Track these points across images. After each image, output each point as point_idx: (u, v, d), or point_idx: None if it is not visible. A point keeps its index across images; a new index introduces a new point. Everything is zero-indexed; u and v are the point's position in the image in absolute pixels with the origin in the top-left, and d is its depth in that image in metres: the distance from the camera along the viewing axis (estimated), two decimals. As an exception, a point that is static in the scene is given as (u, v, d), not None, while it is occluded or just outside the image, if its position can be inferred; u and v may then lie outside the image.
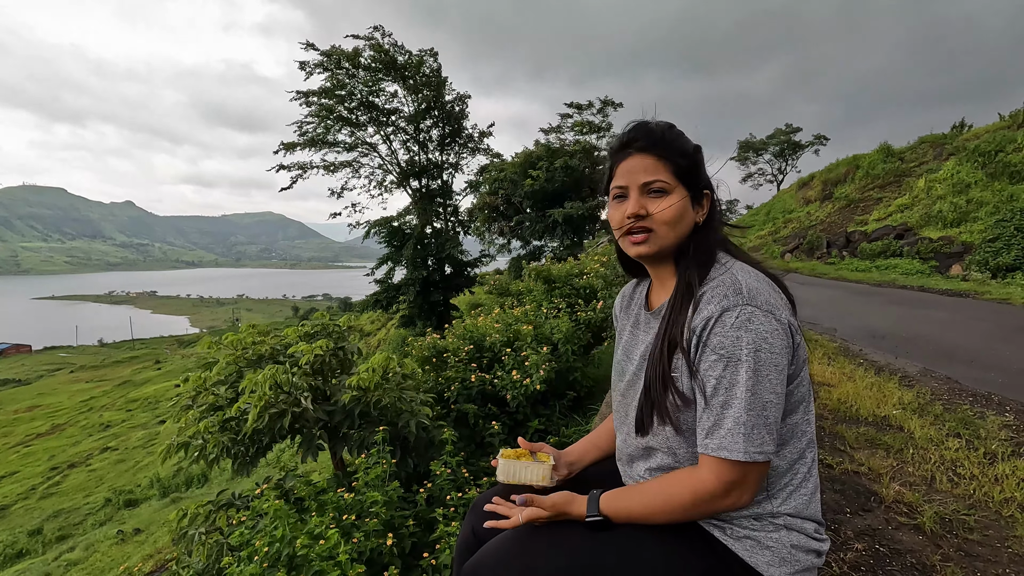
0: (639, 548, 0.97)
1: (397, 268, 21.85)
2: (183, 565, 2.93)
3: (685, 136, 1.04)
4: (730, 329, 0.88)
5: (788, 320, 0.91)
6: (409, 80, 20.99)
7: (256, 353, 3.30)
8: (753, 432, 0.86)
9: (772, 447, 0.88)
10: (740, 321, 0.87)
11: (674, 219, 0.99)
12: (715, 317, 0.89)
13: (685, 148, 1.02)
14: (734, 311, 0.88)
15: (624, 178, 1.01)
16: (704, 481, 0.91)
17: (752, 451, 0.86)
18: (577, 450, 1.30)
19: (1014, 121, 13.67)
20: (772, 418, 0.88)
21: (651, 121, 1.04)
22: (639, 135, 1.01)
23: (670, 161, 0.99)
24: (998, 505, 1.97)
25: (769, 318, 0.88)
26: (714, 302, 0.91)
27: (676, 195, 0.99)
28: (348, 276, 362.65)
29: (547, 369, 3.81)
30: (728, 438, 0.87)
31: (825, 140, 37.61)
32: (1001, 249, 9.35)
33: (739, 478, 0.89)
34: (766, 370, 0.86)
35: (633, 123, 1.05)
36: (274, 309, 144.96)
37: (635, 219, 1.00)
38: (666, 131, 1.02)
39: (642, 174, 0.99)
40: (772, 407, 0.87)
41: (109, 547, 11.57)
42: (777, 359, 0.87)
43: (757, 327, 0.87)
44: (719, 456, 0.88)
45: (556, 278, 6.07)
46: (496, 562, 1.02)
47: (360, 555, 2.22)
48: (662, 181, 0.98)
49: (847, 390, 3.31)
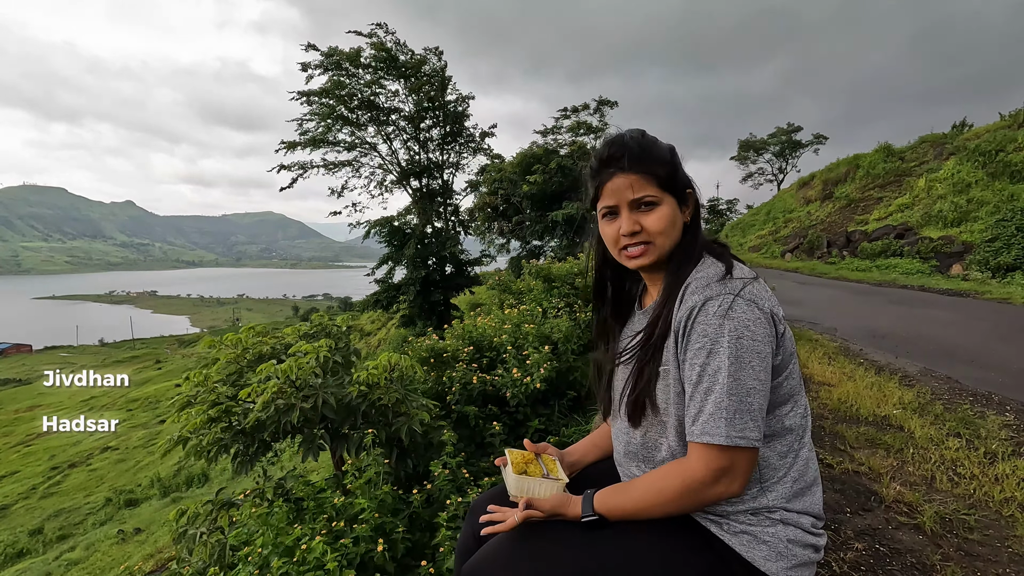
0: (637, 547, 0.98)
1: (397, 268, 21.83)
2: (184, 564, 2.93)
3: (658, 141, 1.05)
4: (712, 317, 0.90)
5: (771, 309, 0.93)
6: (411, 79, 20.96)
7: (256, 353, 3.30)
8: (735, 417, 0.88)
9: (756, 434, 0.89)
10: (722, 309, 0.89)
11: (668, 228, 1.01)
12: (699, 306, 0.92)
13: (662, 156, 1.03)
14: (716, 300, 0.90)
15: (612, 198, 1.03)
16: (692, 469, 0.92)
17: (734, 435, 0.88)
18: (578, 450, 1.31)
19: (1015, 120, 13.66)
20: (756, 405, 0.89)
21: (625, 134, 1.05)
22: (618, 152, 1.02)
23: (653, 174, 1.00)
24: (998, 505, 1.97)
25: (751, 307, 0.90)
26: (698, 292, 0.93)
27: (665, 205, 1.01)
28: (348, 276, 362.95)
29: (548, 368, 3.81)
30: (710, 423, 0.89)
31: (824, 139, 37.65)
32: (1001, 249, 9.35)
33: (727, 464, 0.90)
34: (748, 356, 0.88)
35: (608, 140, 1.06)
36: (274, 309, 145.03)
37: (632, 235, 1.02)
38: (641, 142, 1.03)
39: (629, 192, 1.01)
40: (756, 394, 0.89)
41: (110, 547, 11.59)
42: (759, 346, 0.89)
43: (739, 315, 0.89)
44: (702, 442, 0.90)
45: (556, 277, 6.07)
46: (494, 564, 1.02)
47: (350, 562, 2.20)
48: (650, 195, 1.00)
49: (847, 389, 3.31)
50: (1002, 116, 14.46)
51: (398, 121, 22.09)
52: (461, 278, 21.99)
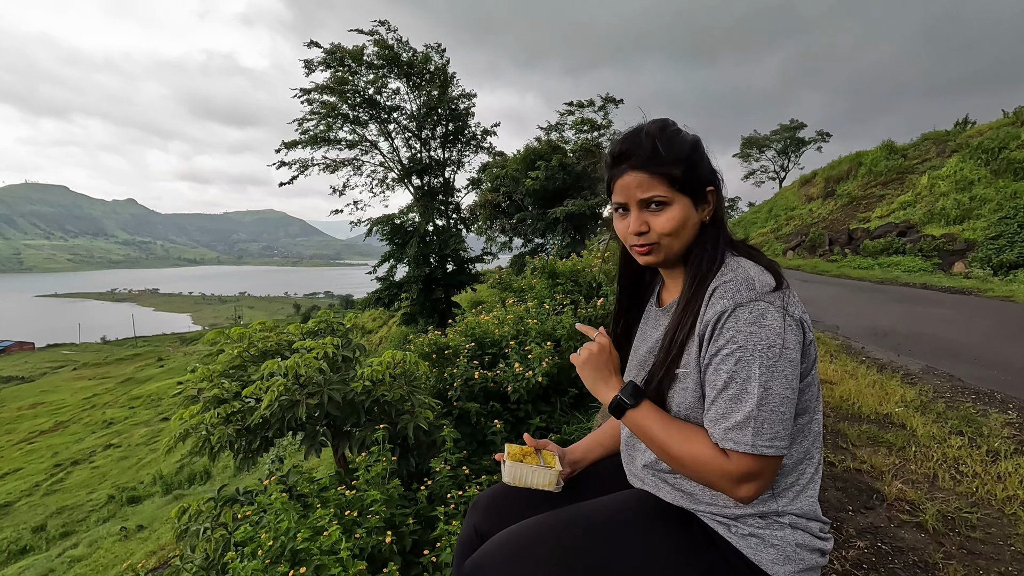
0: (643, 545, 0.98)
1: (399, 266, 21.82)
2: (186, 561, 2.94)
3: (680, 135, 1.00)
4: (744, 324, 0.88)
5: (800, 316, 0.91)
6: (413, 77, 20.93)
7: (261, 349, 3.31)
8: (764, 427, 0.86)
9: (784, 443, 0.88)
10: (754, 316, 0.87)
11: (676, 229, 0.98)
12: (728, 312, 0.89)
13: (680, 153, 0.97)
14: (748, 306, 0.88)
15: (622, 195, 1.01)
16: (727, 463, 0.90)
17: (761, 445, 0.86)
18: (581, 448, 1.30)
19: (1018, 118, 13.61)
20: (786, 413, 0.87)
21: (643, 129, 1.00)
22: (630, 149, 0.99)
23: (664, 175, 0.96)
24: (1000, 503, 1.97)
25: (783, 314, 0.88)
26: (727, 297, 0.91)
27: (676, 206, 0.98)
28: (350, 274, 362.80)
29: (550, 363, 3.82)
30: (736, 431, 0.87)
31: (828, 136, 37.51)
32: (1004, 246, 9.33)
33: (756, 470, 0.88)
34: (782, 365, 0.86)
35: (624, 134, 1.02)
36: (276, 307, 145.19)
37: (638, 235, 1.00)
38: (659, 138, 0.97)
39: (638, 191, 0.98)
40: (787, 403, 0.87)
41: (112, 544, 11.64)
42: (791, 354, 0.87)
43: (771, 323, 0.87)
44: (727, 447, 0.88)
45: (560, 273, 6.08)
46: (499, 558, 1.02)
47: (361, 551, 2.23)
48: (660, 196, 0.97)
49: (849, 388, 3.31)
50: (1005, 113, 14.40)
51: (399, 119, 22.06)
52: (463, 276, 21.99)
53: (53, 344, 78.83)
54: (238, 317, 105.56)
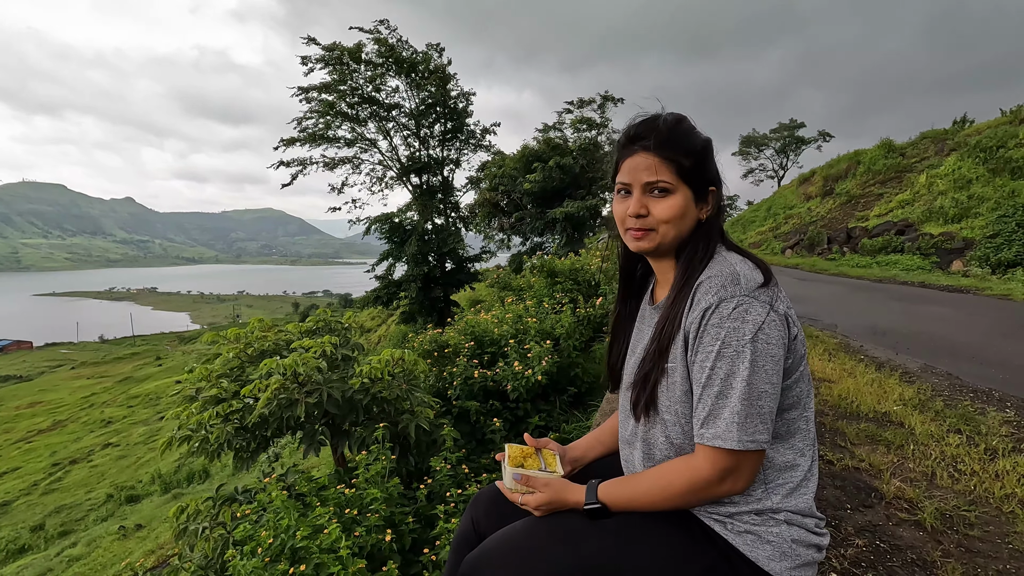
0: (642, 544, 0.98)
1: (397, 264, 21.80)
2: (185, 560, 2.94)
3: (695, 132, 1.02)
4: (727, 319, 0.89)
5: (785, 311, 0.92)
6: (413, 76, 20.88)
7: (259, 349, 3.31)
8: (747, 421, 0.88)
9: (766, 436, 0.90)
10: (738, 312, 0.88)
11: (675, 219, 0.99)
12: (713, 307, 0.90)
13: (692, 146, 1.00)
14: (731, 301, 0.89)
15: (628, 175, 1.01)
16: (699, 469, 0.93)
17: (746, 440, 0.88)
18: (581, 446, 1.31)
19: (1016, 116, 13.63)
20: (767, 408, 0.89)
21: (660, 116, 1.02)
22: (645, 132, 1.00)
23: (674, 161, 0.98)
24: (999, 501, 1.97)
25: (766, 308, 0.89)
26: (712, 293, 0.92)
27: (679, 195, 0.99)
28: (348, 272, 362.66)
29: (549, 361, 3.82)
30: (723, 427, 0.89)
31: (829, 136, 37.47)
32: (1002, 245, 9.34)
33: (733, 465, 0.91)
34: (762, 360, 0.88)
35: (642, 117, 1.03)
36: (274, 305, 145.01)
37: (636, 218, 1.01)
38: (674, 128, 1.00)
39: (645, 173, 0.99)
40: (767, 397, 0.89)
41: (111, 543, 11.63)
42: (774, 350, 0.88)
43: (754, 317, 0.88)
44: (714, 445, 0.90)
45: (559, 271, 6.08)
46: (499, 556, 1.02)
47: (360, 550, 2.23)
48: (665, 182, 0.98)
49: (848, 386, 3.31)
50: (1003, 112, 14.43)
51: (398, 117, 22.02)
52: (462, 274, 21.98)
53: (51, 343, 78.75)
54: (237, 316, 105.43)
